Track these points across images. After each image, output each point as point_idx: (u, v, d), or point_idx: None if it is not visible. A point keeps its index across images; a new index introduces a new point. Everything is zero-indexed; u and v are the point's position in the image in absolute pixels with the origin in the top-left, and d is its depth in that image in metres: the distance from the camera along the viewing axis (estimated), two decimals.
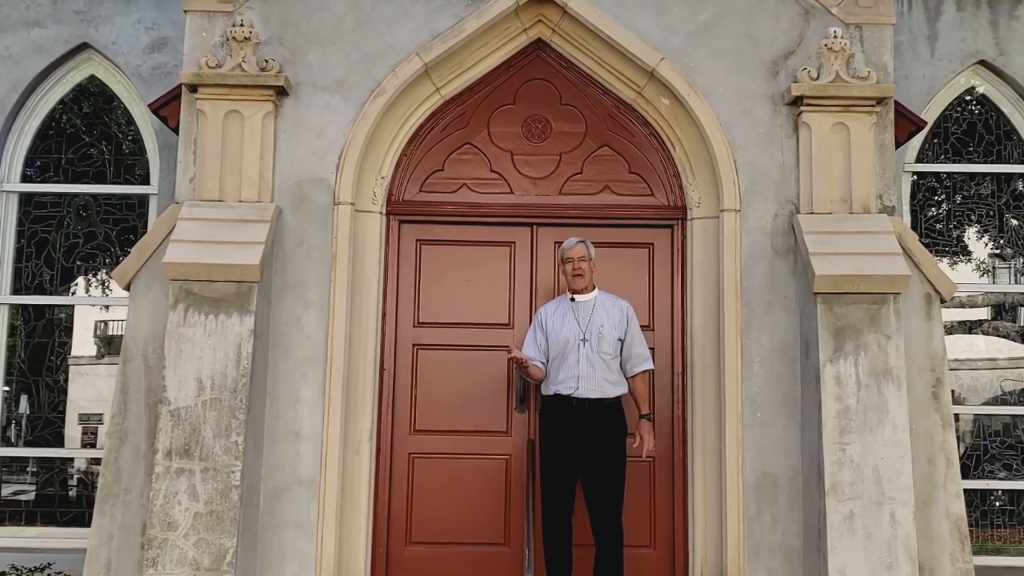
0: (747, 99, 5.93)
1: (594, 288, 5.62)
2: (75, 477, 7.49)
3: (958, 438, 6.11)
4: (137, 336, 5.68)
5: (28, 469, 7.55)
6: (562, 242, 6.04)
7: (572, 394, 5.41)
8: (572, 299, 5.59)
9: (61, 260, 7.30)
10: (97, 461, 6.71)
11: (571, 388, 5.42)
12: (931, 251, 6.44)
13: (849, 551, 5.14)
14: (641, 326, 5.88)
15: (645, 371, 5.59)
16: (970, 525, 5.83)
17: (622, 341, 5.52)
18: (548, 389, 5.53)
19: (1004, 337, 8.28)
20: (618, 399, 5.50)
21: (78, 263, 7.41)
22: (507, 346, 5.66)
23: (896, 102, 6.00)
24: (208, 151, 5.78)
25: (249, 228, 5.61)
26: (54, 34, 7.19)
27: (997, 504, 7.16)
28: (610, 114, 6.22)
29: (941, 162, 7.45)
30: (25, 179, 7.33)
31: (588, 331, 5.47)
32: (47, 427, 7.23)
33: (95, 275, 7.60)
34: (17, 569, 6.36)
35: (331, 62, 5.92)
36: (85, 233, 7.33)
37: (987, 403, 7.81)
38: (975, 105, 7.52)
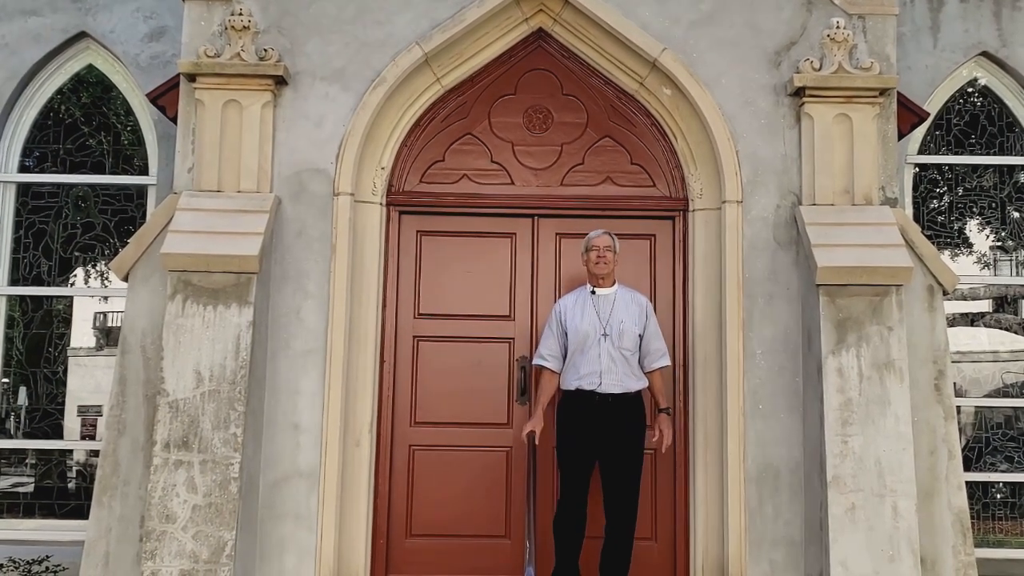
0: (749, 90, 5.89)
1: (614, 282, 5.59)
2: (74, 469, 7.46)
3: (960, 430, 6.09)
4: (135, 327, 5.64)
5: (27, 461, 7.52)
6: (563, 233, 6.09)
7: (595, 389, 5.38)
8: (593, 292, 5.56)
9: (59, 251, 7.27)
10: (96, 453, 6.68)
11: (593, 383, 5.39)
12: (933, 243, 6.41)
13: (851, 543, 5.12)
14: None
15: (663, 367, 5.59)
16: (972, 517, 5.82)
17: (641, 337, 5.50)
18: (568, 384, 5.48)
19: (1006, 329, 8.26)
20: (639, 393, 5.48)
21: (76, 254, 7.38)
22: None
23: (899, 93, 5.97)
24: (207, 141, 5.74)
25: (248, 219, 5.58)
26: (51, 23, 7.15)
27: (999, 496, 7.16)
28: (612, 105, 6.18)
29: (943, 154, 7.43)
30: (23, 169, 7.30)
31: (608, 326, 5.44)
32: (46, 419, 7.21)
33: (94, 266, 7.56)
34: (15, 561, 6.33)
35: (331, 51, 5.88)
36: (83, 224, 7.30)
37: (989, 395, 7.80)
38: (977, 97, 7.49)
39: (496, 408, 6.02)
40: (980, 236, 7.76)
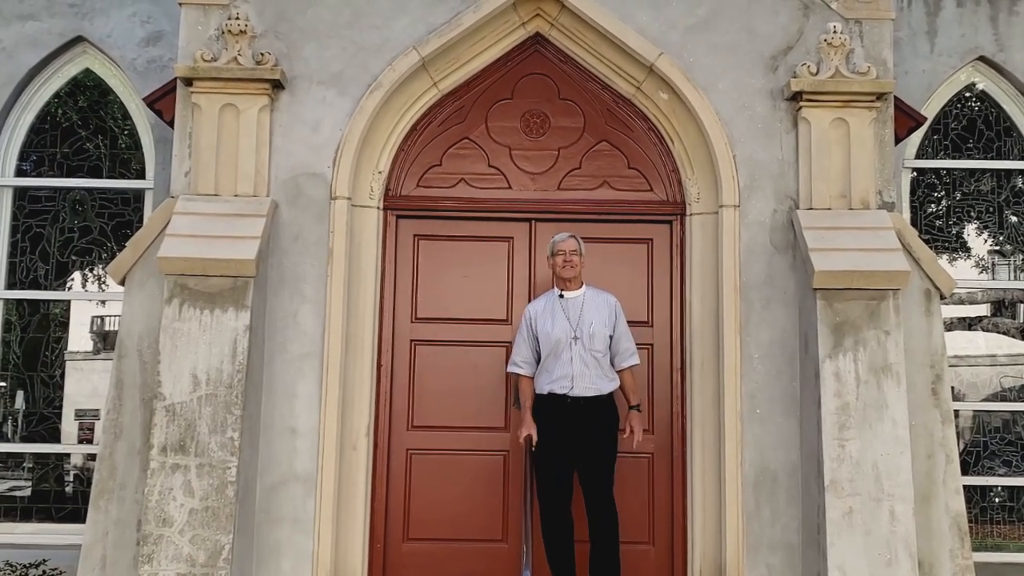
0: (746, 94, 5.90)
1: (582, 284, 5.60)
2: (71, 473, 7.47)
3: (957, 434, 6.09)
4: (132, 331, 5.64)
5: (24, 465, 7.52)
6: None
7: (567, 393, 5.38)
8: (561, 295, 5.56)
9: (56, 255, 7.27)
10: (93, 457, 6.66)
11: (565, 387, 5.39)
12: (931, 247, 6.40)
13: (849, 547, 5.12)
14: (640, 322, 5.93)
15: (633, 365, 5.58)
16: (969, 521, 5.81)
17: (612, 337, 5.50)
18: (541, 388, 5.49)
19: (1004, 334, 8.28)
20: (611, 394, 5.48)
21: (73, 258, 7.38)
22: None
23: (896, 98, 5.98)
24: (203, 145, 5.74)
25: (245, 223, 5.58)
26: (48, 27, 7.16)
27: (996, 500, 7.16)
28: (609, 109, 6.19)
29: (941, 158, 7.44)
30: (20, 173, 7.29)
31: (579, 329, 5.44)
32: (43, 423, 7.20)
33: (91, 270, 7.58)
34: (12, 565, 6.33)
35: (327, 56, 5.89)
36: (80, 228, 7.30)
37: (986, 399, 7.83)
38: (975, 101, 7.50)
39: (493, 412, 6.02)
40: (978, 240, 7.78)
